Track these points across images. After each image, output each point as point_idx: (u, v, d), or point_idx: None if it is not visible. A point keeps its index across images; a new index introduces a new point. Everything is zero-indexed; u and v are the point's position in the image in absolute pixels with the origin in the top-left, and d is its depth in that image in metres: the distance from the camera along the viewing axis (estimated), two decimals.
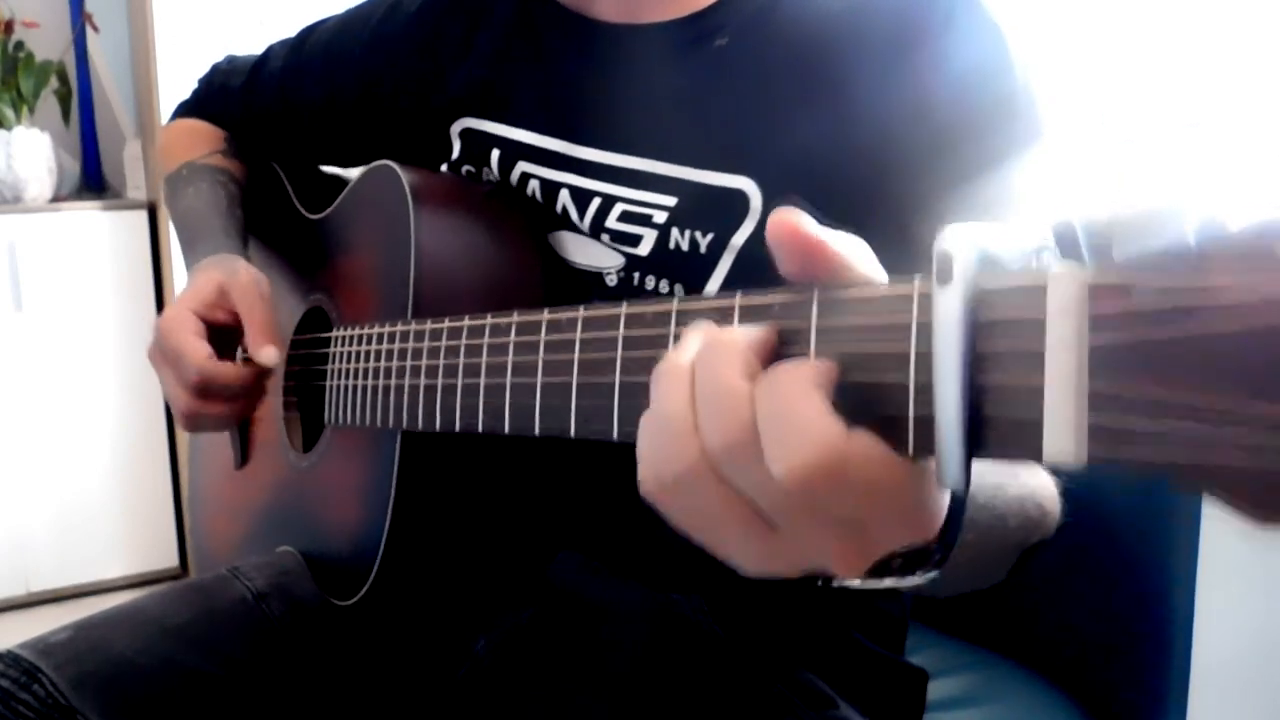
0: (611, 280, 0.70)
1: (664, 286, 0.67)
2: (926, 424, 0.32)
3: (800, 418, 0.32)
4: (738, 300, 0.39)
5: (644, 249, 0.67)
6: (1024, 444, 0.30)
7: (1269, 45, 1.35)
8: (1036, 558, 0.56)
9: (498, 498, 0.71)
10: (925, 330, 0.32)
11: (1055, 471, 0.53)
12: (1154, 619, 0.87)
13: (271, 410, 0.88)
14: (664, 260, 0.67)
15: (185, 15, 2.23)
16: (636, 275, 0.68)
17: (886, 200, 0.60)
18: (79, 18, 2.55)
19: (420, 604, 0.73)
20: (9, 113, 2.38)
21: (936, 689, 0.86)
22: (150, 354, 0.80)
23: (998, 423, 0.31)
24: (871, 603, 0.76)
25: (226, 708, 0.69)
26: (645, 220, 0.67)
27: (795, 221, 0.35)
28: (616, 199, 0.68)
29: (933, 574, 0.42)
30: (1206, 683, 0.94)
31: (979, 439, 0.31)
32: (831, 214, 0.61)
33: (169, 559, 2.53)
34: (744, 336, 0.35)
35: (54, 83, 2.47)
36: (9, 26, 2.39)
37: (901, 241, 0.59)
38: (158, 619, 0.71)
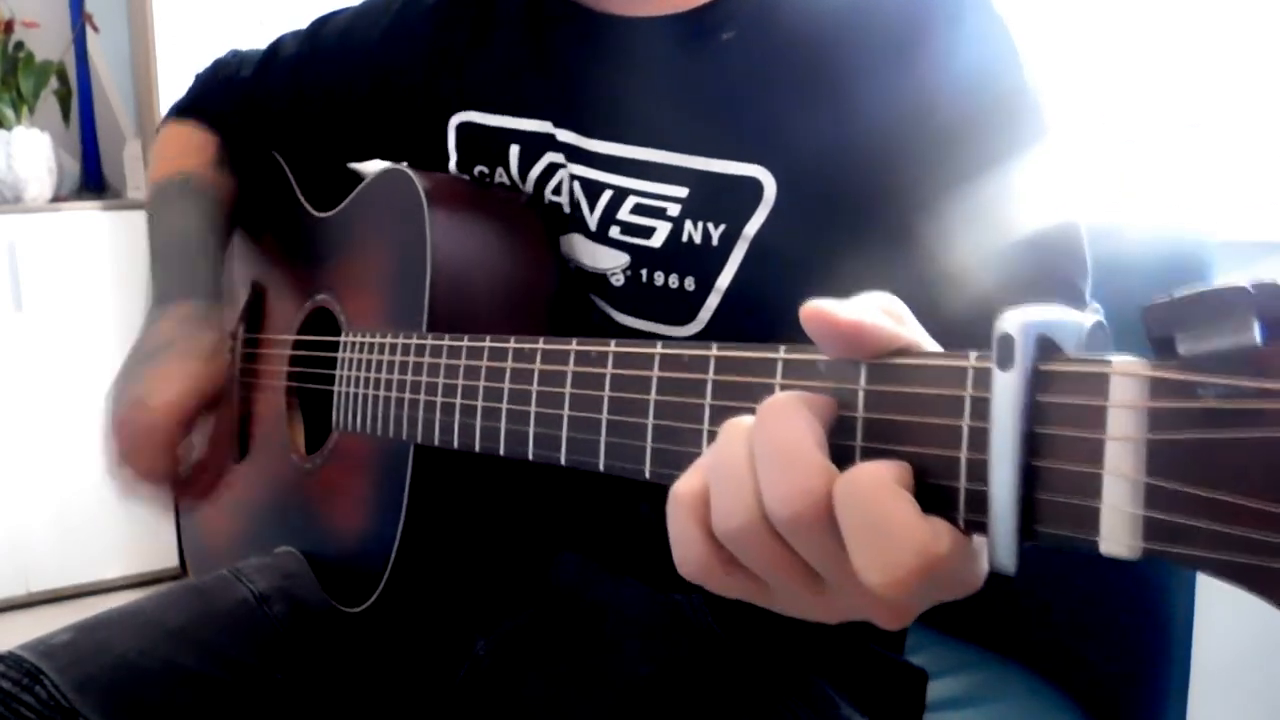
0: (618, 280, 0.70)
1: (674, 281, 0.67)
2: (978, 500, 0.32)
3: (896, 526, 0.31)
4: (782, 353, 0.38)
5: (656, 241, 0.67)
6: (1079, 531, 0.30)
7: (1269, 45, 1.35)
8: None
9: (504, 502, 0.71)
10: (979, 404, 0.32)
11: None
12: (1154, 619, 0.87)
13: (273, 408, 0.87)
14: (675, 253, 0.67)
15: (185, 15, 2.24)
16: (645, 272, 0.68)
17: (893, 196, 0.60)
18: (79, 18, 2.55)
19: (426, 609, 0.73)
20: (9, 113, 2.38)
21: (936, 689, 0.86)
22: (110, 410, 0.83)
23: (1052, 508, 0.31)
24: None
25: (228, 709, 0.69)
26: (659, 213, 0.67)
27: (825, 310, 0.35)
28: (629, 191, 0.68)
29: None
30: (1206, 683, 0.94)
31: (1032, 522, 0.31)
32: (844, 206, 0.62)
33: (169, 559, 2.53)
34: (801, 394, 0.35)
35: (54, 83, 2.47)
36: (9, 26, 2.39)
37: (907, 238, 0.59)
38: (159, 621, 0.71)
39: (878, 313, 0.35)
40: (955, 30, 0.61)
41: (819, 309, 0.35)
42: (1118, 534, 0.29)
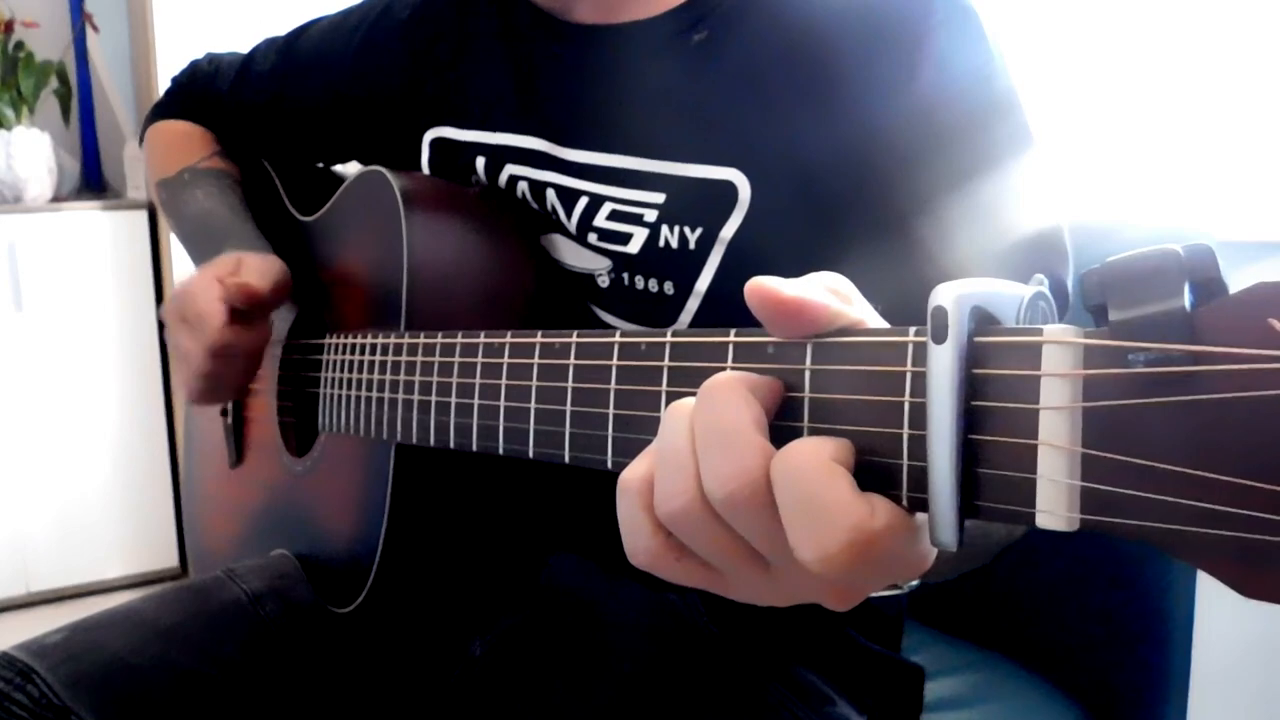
0: (603, 281, 0.70)
1: (653, 285, 0.67)
2: (919, 475, 0.32)
3: (830, 503, 0.31)
4: (732, 336, 0.39)
5: (634, 247, 0.67)
6: (1017, 504, 0.30)
7: (1269, 45, 1.35)
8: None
9: (492, 501, 0.71)
10: (919, 380, 0.32)
11: None
12: (1154, 619, 0.87)
13: (266, 412, 0.88)
14: (653, 258, 0.66)
15: (185, 15, 2.24)
16: (626, 275, 0.68)
17: (869, 198, 0.60)
18: (79, 18, 2.56)
19: (416, 609, 0.73)
20: (9, 113, 2.38)
21: (936, 689, 0.86)
22: (166, 314, 0.80)
23: (991, 481, 0.31)
24: (866, 600, 0.76)
25: (221, 709, 0.69)
26: (636, 219, 0.67)
27: (769, 286, 0.34)
28: (605, 199, 0.68)
29: (913, 582, 0.42)
30: (1206, 684, 0.94)
31: (972, 497, 0.31)
32: (820, 207, 0.61)
33: (169, 559, 2.53)
34: (741, 375, 0.35)
35: (54, 83, 2.47)
36: (9, 26, 2.40)
37: (884, 240, 0.59)
38: (153, 620, 0.71)
39: (822, 290, 0.35)
40: (935, 34, 0.60)
41: (763, 285, 0.34)
42: (1054, 506, 0.29)
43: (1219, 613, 0.89)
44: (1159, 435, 0.27)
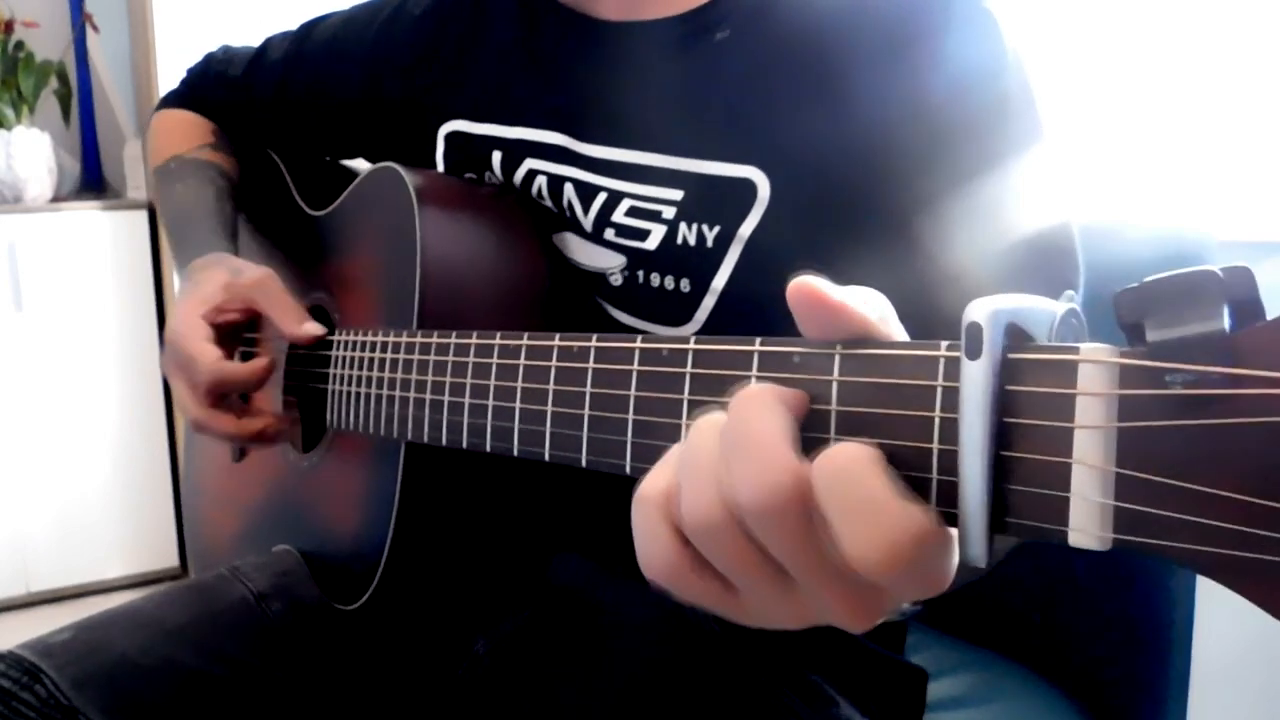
0: (616, 280, 0.70)
1: (669, 283, 0.67)
2: (948, 490, 0.32)
3: (885, 503, 0.31)
4: (757, 345, 0.38)
5: (651, 243, 0.67)
6: (1048, 522, 0.30)
7: (1269, 45, 1.35)
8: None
9: (500, 500, 0.71)
10: (950, 395, 0.32)
11: None
12: (1154, 619, 0.87)
13: (271, 408, 0.88)
14: (670, 256, 0.67)
15: (185, 15, 2.24)
16: (641, 273, 0.68)
17: (887, 196, 0.60)
18: (79, 18, 2.55)
19: (422, 606, 0.73)
20: (9, 113, 2.38)
21: (936, 689, 0.86)
22: (163, 364, 0.80)
23: (1023, 499, 0.30)
24: None
25: (227, 707, 0.69)
26: (654, 216, 0.67)
27: (816, 286, 0.34)
28: (623, 195, 0.68)
29: (918, 606, 0.42)
30: (1206, 683, 0.94)
31: (1003, 514, 0.31)
32: (838, 206, 0.62)
33: (169, 559, 2.53)
34: (772, 387, 0.35)
35: (54, 83, 2.48)
36: (9, 26, 2.40)
37: (902, 238, 0.59)
38: (159, 619, 0.71)
39: (862, 301, 0.35)
40: (950, 31, 0.61)
41: (809, 283, 0.34)
42: (1086, 525, 0.29)
43: (1219, 613, 0.89)
44: (1195, 457, 0.27)
